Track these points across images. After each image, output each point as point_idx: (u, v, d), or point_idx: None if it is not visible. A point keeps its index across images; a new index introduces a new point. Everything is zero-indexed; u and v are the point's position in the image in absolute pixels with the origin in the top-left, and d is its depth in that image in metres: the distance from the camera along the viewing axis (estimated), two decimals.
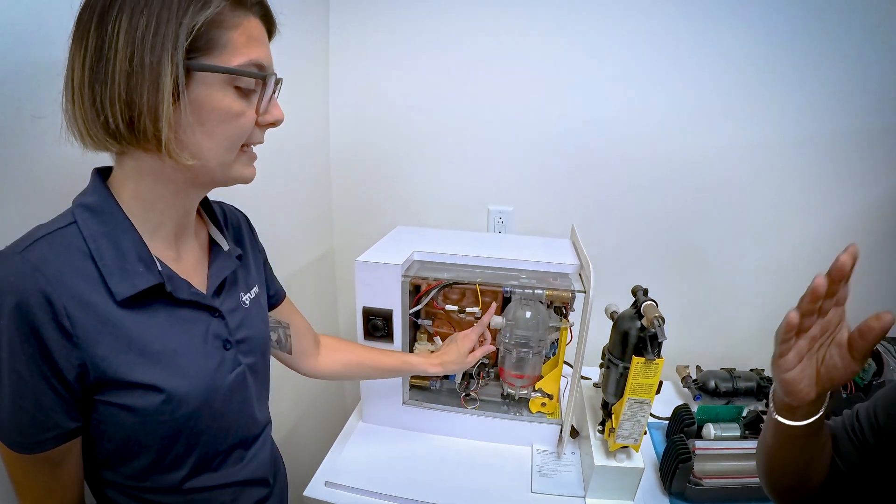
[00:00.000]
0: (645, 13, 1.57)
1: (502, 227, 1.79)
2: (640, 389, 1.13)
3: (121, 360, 0.69)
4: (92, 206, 0.71)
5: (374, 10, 1.63)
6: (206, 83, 0.68)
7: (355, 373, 1.27)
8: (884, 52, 1.53)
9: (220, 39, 0.68)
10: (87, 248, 0.68)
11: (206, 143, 0.71)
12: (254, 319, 0.91)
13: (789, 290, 1.76)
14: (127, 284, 0.69)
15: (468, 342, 1.31)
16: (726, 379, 1.62)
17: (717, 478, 1.27)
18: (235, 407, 0.85)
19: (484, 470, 1.32)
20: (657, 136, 1.68)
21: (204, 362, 0.78)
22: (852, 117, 1.61)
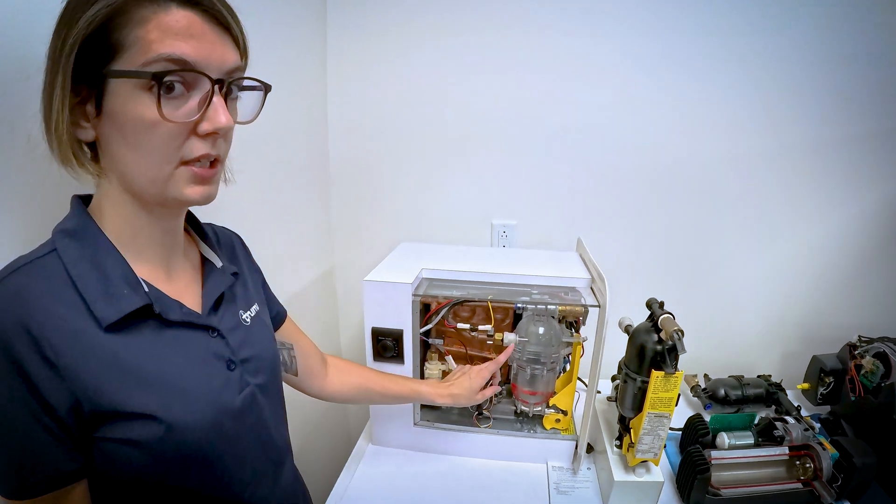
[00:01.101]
0: (648, 23, 1.61)
1: (506, 241, 1.81)
2: (659, 403, 1.15)
3: (114, 388, 0.65)
4: (71, 231, 0.69)
5: (372, 23, 1.65)
6: (116, 91, 0.63)
7: (364, 397, 1.27)
8: (873, 62, 1.61)
9: (125, 39, 0.61)
10: (67, 275, 0.66)
11: (132, 156, 0.67)
12: (258, 337, 0.89)
13: (792, 296, 1.86)
14: (112, 308, 0.66)
15: (481, 379, 1.31)
16: (735, 387, 1.66)
17: (734, 487, 1.29)
18: (249, 430, 0.82)
19: (500, 489, 1.33)
20: (659, 145, 1.72)
21: (206, 384, 0.75)
22: (848, 123, 1.68)
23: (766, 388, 1.66)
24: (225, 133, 0.71)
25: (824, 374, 1.65)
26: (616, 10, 1.61)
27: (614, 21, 1.61)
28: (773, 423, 1.44)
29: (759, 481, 1.33)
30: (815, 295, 1.88)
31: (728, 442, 1.39)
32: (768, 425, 1.44)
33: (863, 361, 1.55)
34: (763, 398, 1.65)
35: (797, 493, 1.32)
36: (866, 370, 1.53)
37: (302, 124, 1.65)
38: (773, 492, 1.31)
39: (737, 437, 1.40)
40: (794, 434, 1.40)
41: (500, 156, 1.74)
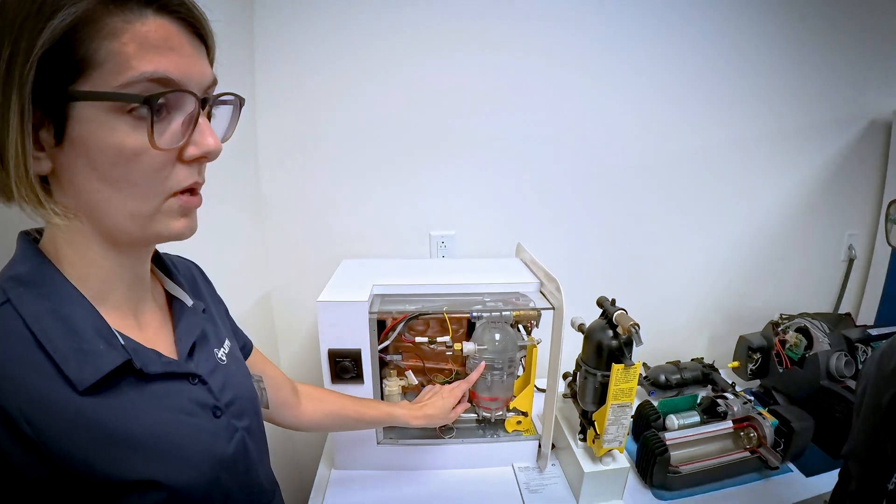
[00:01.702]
0: (576, 36, 1.71)
1: (445, 252, 1.84)
2: (621, 394, 1.22)
3: (103, 458, 0.57)
4: (25, 279, 0.59)
5: (301, 38, 1.63)
6: (84, 117, 0.54)
7: (339, 424, 1.23)
8: (785, 69, 1.86)
9: (95, 54, 0.52)
10: (28, 333, 0.55)
11: (106, 191, 0.58)
12: (236, 376, 0.80)
13: (716, 284, 2.02)
14: (88, 368, 0.57)
15: (453, 398, 1.32)
16: (674, 372, 1.77)
17: (690, 463, 1.39)
18: (241, 480, 0.75)
19: (473, 497, 1.35)
20: (591, 153, 1.84)
21: (197, 438, 0.67)
22: (764, 122, 1.92)
23: (702, 370, 1.79)
24: (214, 157, 0.64)
25: (752, 352, 1.79)
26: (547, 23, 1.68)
27: (544, 34, 1.69)
28: (715, 401, 1.56)
29: (711, 455, 1.44)
30: (736, 280, 2.07)
31: (677, 423, 1.49)
32: (711, 403, 1.56)
33: (787, 336, 1.70)
34: (700, 380, 1.78)
35: (747, 460, 1.44)
36: (791, 344, 1.68)
37: (230, 144, 1.60)
38: (726, 462, 1.42)
39: (684, 417, 1.51)
40: (736, 408, 1.52)
41: (436, 168, 1.77)
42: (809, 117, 1.96)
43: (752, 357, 1.79)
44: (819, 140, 2.00)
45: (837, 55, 1.92)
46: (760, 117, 1.91)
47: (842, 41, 1.90)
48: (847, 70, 1.94)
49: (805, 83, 1.91)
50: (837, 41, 1.90)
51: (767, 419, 1.46)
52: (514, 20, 1.65)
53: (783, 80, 1.89)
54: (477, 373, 1.36)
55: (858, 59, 1.94)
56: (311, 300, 1.79)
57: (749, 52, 1.83)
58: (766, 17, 1.81)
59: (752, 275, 2.09)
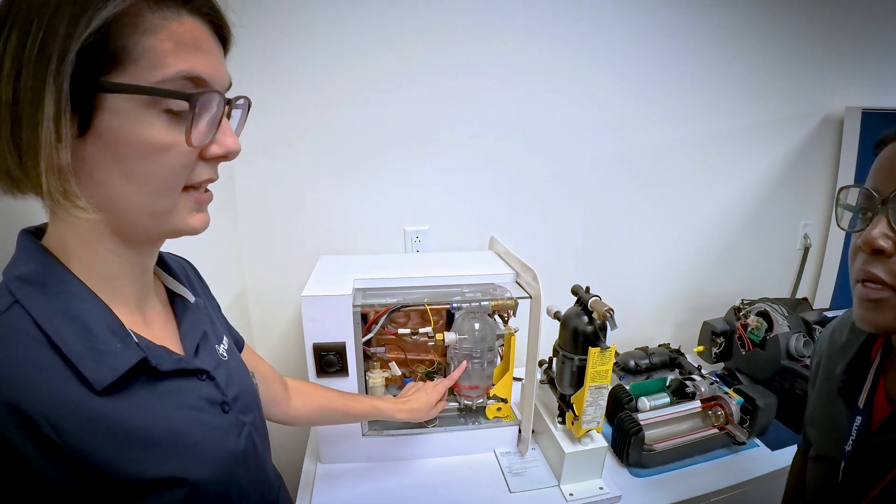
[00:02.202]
0: (543, 32, 1.77)
1: (419, 247, 1.89)
2: (598, 376, 1.29)
3: (127, 458, 0.57)
4: (32, 278, 0.58)
5: (277, 39, 1.64)
6: (116, 109, 0.54)
7: (326, 418, 1.25)
8: (744, 69, 1.98)
9: (133, 48, 0.53)
10: (41, 334, 0.55)
11: (127, 187, 0.58)
12: (237, 372, 0.82)
13: (680, 273, 2.14)
14: (105, 368, 0.57)
15: (437, 394, 1.36)
16: (643, 357, 1.85)
17: (663, 442, 1.48)
18: (252, 475, 0.76)
19: (459, 484, 1.40)
20: (560, 148, 1.91)
21: (211, 434, 0.68)
22: (724, 119, 2.04)
23: (669, 355, 1.88)
24: (234, 156, 0.66)
25: (715, 336, 1.90)
26: (517, 23, 1.74)
27: (514, 31, 1.74)
28: (683, 383, 1.64)
29: (682, 433, 1.53)
30: (699, 269, 2.19)
31: (649, 405, 1.57)
32: (680, 385, 1.65)
33: (748, 320, 1.81)
34: (668, 364, 1.86)
35: (716, 437, 1.54)
36: (752, 327, 1.78)
37: None
38: (697, 439, 1.52)
39: (655, 399, 1.59)
40: (703, 389, 1.61)
41: (409, 165, 1.81)
42: (766, 114, 2.08)
43: (716, 341, 1.89)
44: (775, 136, 2.12)
45: (793, 55, 2.03)
46: (721, 115, 2.02)
47: (797, 42, 2.02)
48: (802, 69, 2.06)
49: (762, 82, 2.03)
50: (793, 42, 2.02)
51: (733, 398, 1.56)
52: (486, 20, 1.71)
53: (742, 79, 2.00)
54: (459, 371, 1.41)
55: (813, 58, 2.06)
56: (288, 297, 1.83)
57: (710, 53, 1.93)
58: (725, 20, 1.91)
59: (714, 264, 2.20)
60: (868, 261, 0.73)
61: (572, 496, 1.34)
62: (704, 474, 1.48)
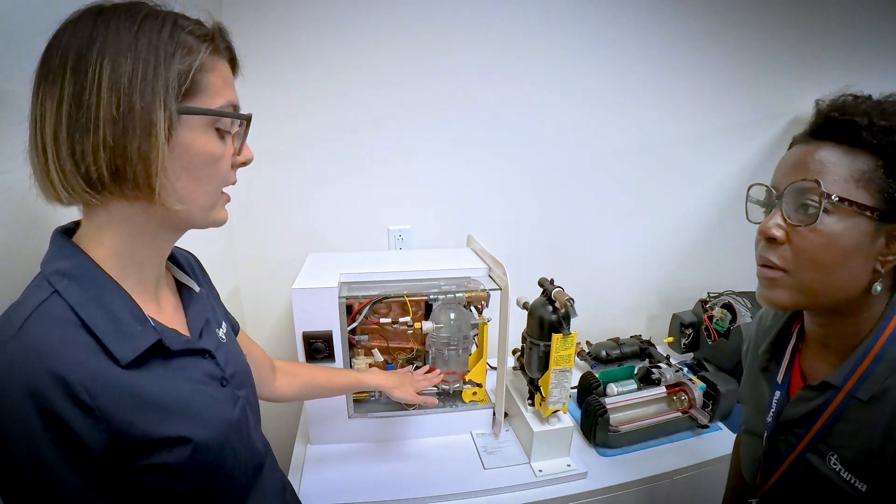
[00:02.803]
0: (519, 38, 1.90)
1: (402, 244, 2.02)
2: (562, 360, 1.42)
3: (145, 420, 0.69)
4: (69, 272, 0.69)
5: (266, 41, 1.75)
6: (190, 127, 0.70)
7: (311, 393, 1.37)
8: (715, 74, 2.12)
9: (201, 83, 0.71)
10: (76, 318, 0.66)
11: (191, 187, 0.73)
12: (234, 353, 0.95)
13: (652, 268, 2.28)
14: (128, 347, 0.69)
15: (421, 387, 1.47)
16: (614, 347, 1.99)
17: (628, 424, 1.61)
18: (244, 441, 0.88)
19: (438, 462, 1.54)
20: (534, 150, 2.04)
21: (211, 404, 0.80)
22: (696, 123, 2.17)
23: (639, 345, 2.02)
24: (249, 164, 0.83)
25: (684, 328, 2.03)
26: (494, 27, 1.87)
27: (488, 38, 1.87)
28: (650, 371, 1.77)
29: (647, 416, 1.66)
30: (670, 265, 2.32)
31: (616, 390, 1.70)
32: (647, 373, 1.78)
33: (714, 312, 1.93)
34: (638, 354, 2.00)
35: (679, 420, 1.67)
36: (717, 319, 1.91)
37: None
38: (660, 422, 1.65)
39: (622, 385, 1.73)
40: (668, 376, 1.75)
41: (392, 168, 1.94)
42: (736, 117, 2.20)
43: (685, 332, 2.03)
44: (744, 137, 2.24)
45: (763, 60, 2.16)
46: (693, 118, 2.15)
47: (767, 47, 2.15)
48: (773, 73, 2.18)
49: (733, 86, 2.15)
50: (763, 46, 2.14)
51: (697, 384, 1.69)
52: (462, 30, 1.84)
53: (713, 83, 2.13)
54: (437, 378, 1.54)
55: (783, 62, 2.18)
56: (279, 292, 1.96)
57: (680, 58, 2.06)
58: (695, 25, 2.04)
59: (685, 260, 2.33)
60: (765, 247, 0.87)
61: (541, 472, 1.48)
62: (668, 454, 1.61)
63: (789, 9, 2.11)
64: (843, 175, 0.78)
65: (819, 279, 0.82)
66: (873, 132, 0.77)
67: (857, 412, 0.84)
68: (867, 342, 0.84)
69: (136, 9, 0.69)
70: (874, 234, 0.78)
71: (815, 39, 2.18)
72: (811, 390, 0.91)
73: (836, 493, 0.84)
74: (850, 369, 0.84)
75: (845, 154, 0.79)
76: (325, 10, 1.75)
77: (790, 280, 0.84)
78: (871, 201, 0.77)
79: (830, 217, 0.79)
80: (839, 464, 0.84)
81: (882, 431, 0.79)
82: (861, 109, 0.80)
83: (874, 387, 0.81)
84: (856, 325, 0.86)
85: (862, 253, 0.79)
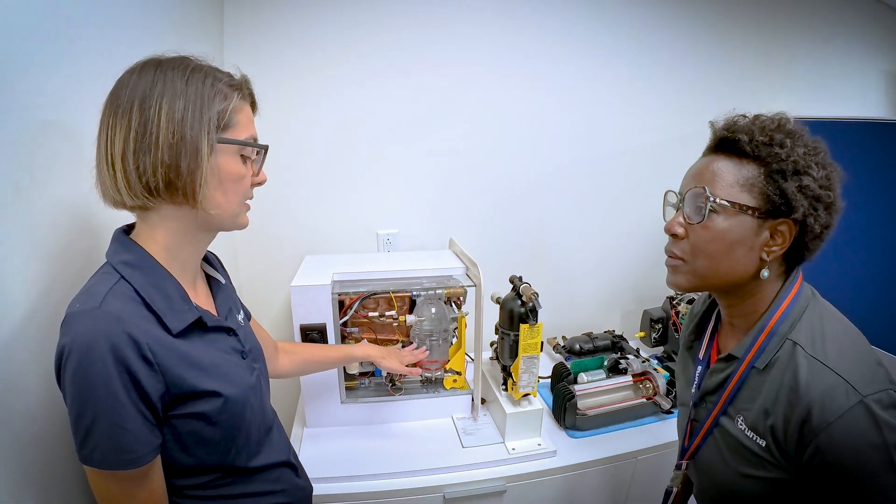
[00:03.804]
0: (494, 54, 2.10)
1: (390, 247, 2.21)
2: (529, 348, 1.61)
3: (190, 375, 0.91)
4: (132, 263, 0.92)
5: (266, 47, 1.95)
6: (224, 153, 0.93)
7: (309, 368, 1.58)
8: (686, 83, 2.32)
9: (232, 120, 0.94)
10: (138, 297, 0.88)
11: (223, 198, 0.95)
12: (250, 334, 1.19)
13: (625, 267, 2.49)
14: (178, 320, 0.92)
15: (406, 360, 1.67)
16: (587, 341, 2.18)
17: (595, 408, 1.79)
18: (259, 402, 1.11)
19: (421, 442, 1.73)
20: (511, 159, 2.24)
21: (236, 369, 1.03)
22: (668, 129, 2.36)
23: (612, 339, 2.20)
24: (264, 184, 1.06)
25: (654, 323, 2.21)
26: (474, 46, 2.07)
27: (471, 50, 2.07)
28: (618, 361, 1.95)
29: (614, 402, 1.84)
30: (642, 264, 2.51)
31: (586, 378, 1.88)
32: (615, 363, 1.96)
33: (680, 308, 2.12)
34: (610, 347, 2.19)
35: (643, 405, 1.86)
36: (683, 314, 2.09)
37: None
38: (626, 407, 1.84)
39: (592, 375, 1.91)
40: (635, 366, 1.93)
41: (381, 177, 2.14)
42: (704, 123, 2.36)
43: (655, 327, 2.21)
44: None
45: (738, 69, 2.36)
46: (663, 125, 2.35)
47: (743, 57, 2.35)
48: (747, 82, 2.39)
49: (703, 94, 2.36)
50: (733, 57, 2.34)
51: (660, 372, 1.88)
52: (452, 44, 2.05)
53: (686, 91, 2.33)
54: (424, 354, 1.74)
55: (752, 70, 2.38)
56: (278, 290, 2.15)
57: (654, 67, 2.26)
58: (667, 35, 2.24)
59: (656, 259, 2.43)
60: (670, 242, 1.07)
61: (514, 450, 1.67)
62: (632, 436, 1.79)
63: (765, 20, 2.32)
64: (731, 181, 0.97)
65: (709, 266, 1.01)
66: (754, 145, 0.96)
67: (755, 379, 1.01)
68: (762, 320, 1.02)
69: (185, 63, 0.92)
70: (758, 228, 0.97)
71: (791, 50, 2.42)
72: (721, 362, 1.09)
73: (744, 450, 1.01)
74: (750, 343, 1.02)
75: (734, 164, 0.99)
76: (320, 30, 1.95)
77: (687, 267, 1.04)
78: (754, 202, 0.96)
79: (718, 216, 0.97)
80: (744, 424, 1.01)
81: (773, 394, 0.96)
82: (745, 128, 0.99)
83: (768, 357, 0.99)
84: (753, 306, 1.04)
85: (746, 244, 0.98)
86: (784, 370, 0.95)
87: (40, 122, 0.99)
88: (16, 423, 0.92)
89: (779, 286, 1.03)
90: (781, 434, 0.93)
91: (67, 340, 0.81)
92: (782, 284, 1.03)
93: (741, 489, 1.03)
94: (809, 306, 1.00)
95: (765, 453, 0.97)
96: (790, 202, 0.94)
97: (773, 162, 0.95)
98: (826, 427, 0.86)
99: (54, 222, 1.04)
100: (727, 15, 2.30)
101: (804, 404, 0.89)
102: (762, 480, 0.98)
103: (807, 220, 0.95)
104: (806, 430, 0.89)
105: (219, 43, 1.91)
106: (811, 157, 0.95)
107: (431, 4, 2.01)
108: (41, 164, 0.99)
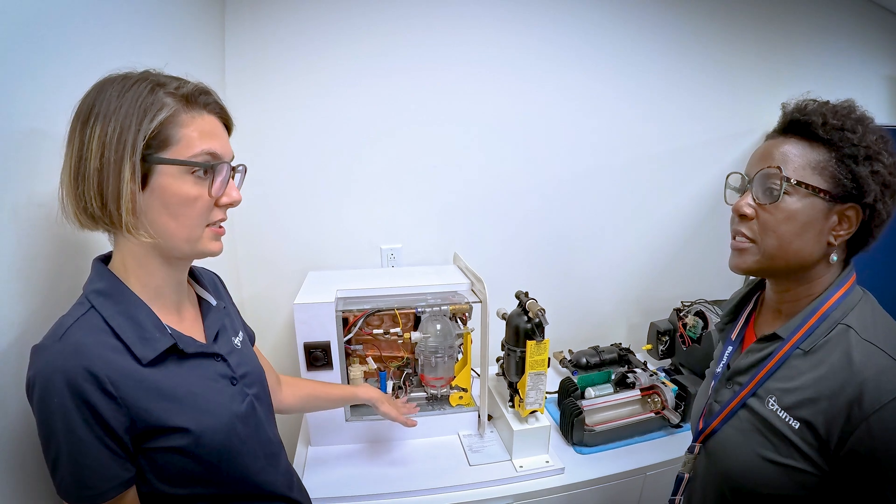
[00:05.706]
0: (507, 72, 2.12)
1: (394, 262, 2.23)
2: (536, 365, 1.62)
3: (158, 409, 0.88)
4: (103, 291, 0.90)
5: (265, 60, 1.96)
6: (164, 173, 0.87)
7: (311, 405, 1.57)
8: (692, 97, 2.34)
9: (174, 136, 0.87)
10: (107, 327, 0.87)
11: (172, 223, 0.90)
12: (248, 357, 1.15)
13: (631, 279, 2.52)
14: (149, 349, 0.89)
15: (403, 411, 1.65)
16: (593, 355, 2.19)
17: (603, 424, 1.80)
18: (254, 430, 1.07)
19: (428, 460, 1.73)
20: (515, 172, 2.25)
21: (219, 398, 1.00)
22: (672, 140, 2.38)
23: (619, 353, 2.21)
24: (237, 204, 0.99)
25: (660, 335, 2.22)
26: (479, 63, 2.09)
27: (472, 59, 2.09)
28: (625, 375, 1.96)
29: (622, 417, 1.85)
30: (647, 276, 2.53)
31: (593, 393, 1.89)
32: (622, 377, 1.97)
33: (687, 320, 2.12)
34: (617, 360, 2.19)
35: (652, 420, 1.86)
36: (690, 326, 2.10)
37: None
38: (634, 422, 1.84)
39: (599, 389, 1.92)
40: (643, 380, 1.94)
41: (384, 191, 2.15)
42: (710, 134, 2.42)
43: (662, 339, 2.22)
44: (718, 152, 2.45)
45: (734, 79, 2.38)
46: (671, 136, 2.37)
47: (740, 65, 2.37)
48: (745, 90, 2.40)
49: (708, 105, 2.38)
50: (734, 67, 2.36)
51: (669, 386, 1.89)
52: (452, 59, 2.07)
53: (688, 102, 2.35)
54: (414, 409, 1.72)
55: (754, 80, 2.40)
56: (281, 307, 2.16)
57: (661, 79, 2.28)
58: (670, 47, 2.26)
59: (661, 271, 2.54)
60: (737, 223, 1.08)
61: (522, 468, 1.67)
62: (641, 452, 1.79)
63: (762, 28, 2.34)
64: (802, 164, 0.99)
65: (778, 246, 1.02)
66: (827, 129, 0.98)
67: (797, 361, 1.02)
68: (816, 303, 1.03)
69: (131, 77, 0.88)
70: (827, 212, 0.99)
71: (784, 58, 2.42)
72: (761, 342, 1.11)
73: (772, 432, 1.01)
74: (798, 324, 1.04)
75: (805, 147, 1.00)
76: (330, 44, 1.96)
77: (756, 248, 1.05)
78: (825, 185, 0.98)
79: (791, 197, 0.99)
80: (776, 404, 1.02)
81: (817, 376, 0.97)
82: (818, 111, 1.01)
83: (815, 340, 1.01)
84: (808, 290, 1.06)
85: (816, 227, 0.99)
86: (832, 352, 0.97)
87: (30, 130, 0.98)
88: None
89: (837, 273, 1.05)
90: (822, 418, 0.94)
91: (31, 374, 0.83)
92: (840, 272, 1.05)
93: (754, 475, 1.04)
94: (862, 299, 1.03)
95: (795, 437, 0.97)
96: (861, 187, 0.96)
97: (846, 146, 0.97)
98: (880, 408, 0.87)
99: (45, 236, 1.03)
100: (731, 25, 2.32)
101: (856, 383, 0.90)
102: (782, 468, 0.99)
103: (876, 205, 0.97)
104: (854, 412, 0.89)
105: (220, 57, 1.92)
106: (881, 143, 0.98)
107: (446, 10, 2.04)
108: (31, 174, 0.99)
